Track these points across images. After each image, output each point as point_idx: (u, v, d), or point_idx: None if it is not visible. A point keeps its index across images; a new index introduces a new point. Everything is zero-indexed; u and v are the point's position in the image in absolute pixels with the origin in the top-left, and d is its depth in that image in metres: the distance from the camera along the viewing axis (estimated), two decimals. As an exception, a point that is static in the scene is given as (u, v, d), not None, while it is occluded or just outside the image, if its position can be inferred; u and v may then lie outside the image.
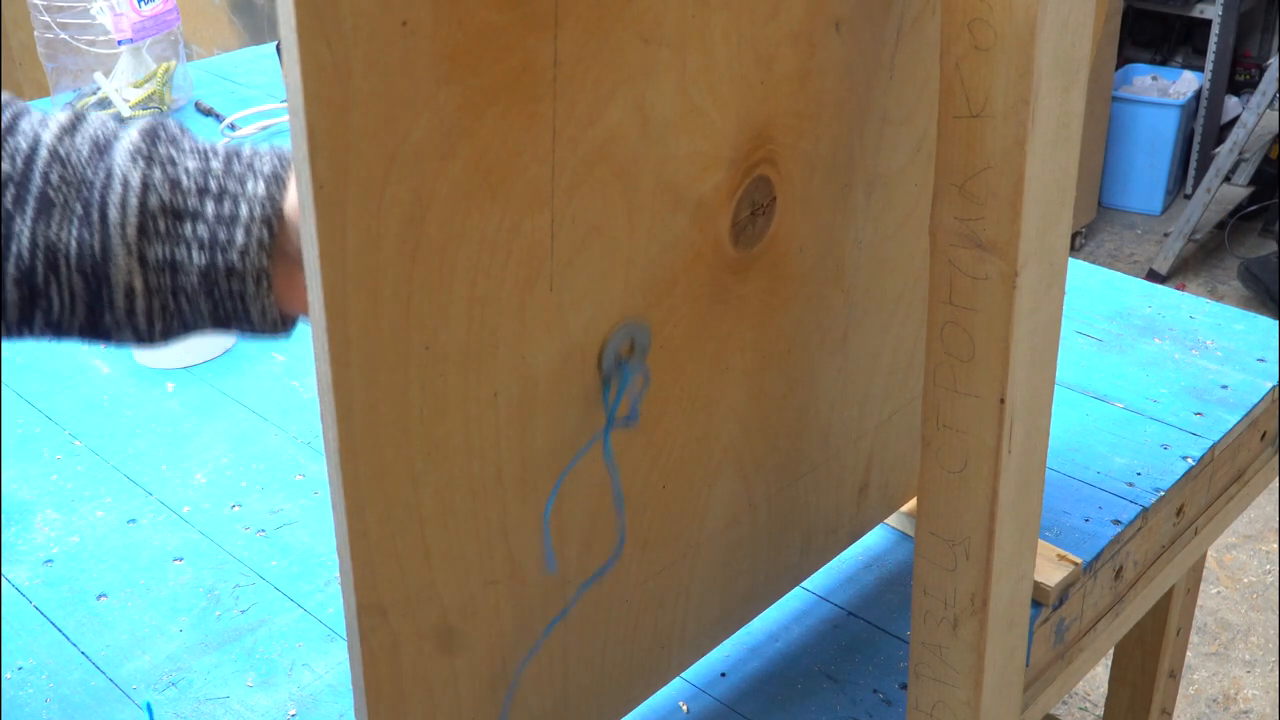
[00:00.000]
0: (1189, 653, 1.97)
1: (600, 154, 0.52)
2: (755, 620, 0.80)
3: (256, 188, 0.58)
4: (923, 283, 0.76)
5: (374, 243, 0.45)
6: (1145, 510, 0.93)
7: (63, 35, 1.61)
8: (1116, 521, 0.91)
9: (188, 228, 0.57)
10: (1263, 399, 1.05)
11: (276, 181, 0.58)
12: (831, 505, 0.80)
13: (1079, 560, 0.86)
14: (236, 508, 0.96)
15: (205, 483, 0.98)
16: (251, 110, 1.61)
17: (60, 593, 0.88)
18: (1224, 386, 1.07)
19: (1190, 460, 0.98)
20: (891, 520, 0.93)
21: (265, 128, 1.57)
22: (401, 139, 0.44)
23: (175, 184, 0.57)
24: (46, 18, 1.61)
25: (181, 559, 0.91)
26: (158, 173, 0.57)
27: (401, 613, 0.52)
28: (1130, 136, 3.37)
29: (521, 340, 0.53)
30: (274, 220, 0.58)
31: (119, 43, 1.60)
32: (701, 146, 0.57)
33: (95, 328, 0.59)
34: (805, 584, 0.87)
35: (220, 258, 0.57)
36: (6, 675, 0.81)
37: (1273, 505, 2.34)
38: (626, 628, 0.67)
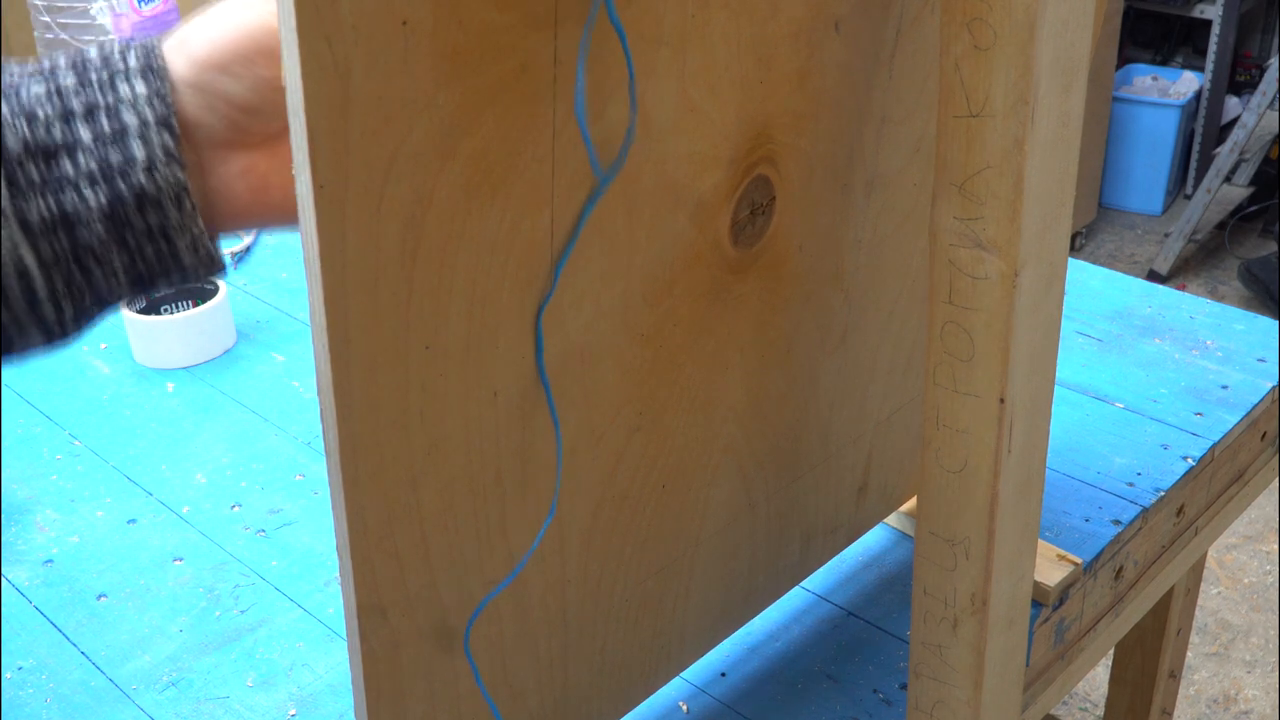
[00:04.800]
0: (1189, 653, 1.97)
1: (600, 154, 0.52)
2: (755, 620, 0.80)
3: (134, 87, 0.47)
4: (922, 282, 0.76)
5: (374, 243, 0.45)
6: (1145, 510, 0.93)
7: (63, 35, 1.61)
8: (1116, 521, 0.91)
9: (65, 165, 0.45)
10: (1263, 399, 1.06)
11: (153, 74, 0.47)
12: (831, 505, 0.80)
13: (1079, 560, 0.86)
14: (236, 508, 0.96)
15: (205, 483, 0.98)
16: (251, 110, 1.61)
17: (60, 593, 0.88)
18: (1224, 386, 1.07)
19: (1190, 460, 0.98)
20: (891, 520, 0.93)
21: (265, 128, 1.57)
22: (401, 139, 0.44)
23: (31, 116, 0.45)
24: (46, 18, 1.61)
25: (181, 559, 0.91)
26: (3, 107, 0.45)
27: (401, 613, 0.52)
28: (1130, 136, 3.37)
29: (521, 340, 0.53)
30: (172, 120, 0.47)
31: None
32: (701, 146, 0.57)
33: None
34: (805, 583, 0.87)
35: (123, 185, 0.46)
36: (6, 675, 0.81)
37: (1273, 505, 2.34)
38: (626, 628, 0.67)
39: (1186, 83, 3.38)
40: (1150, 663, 1.27)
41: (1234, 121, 3.23)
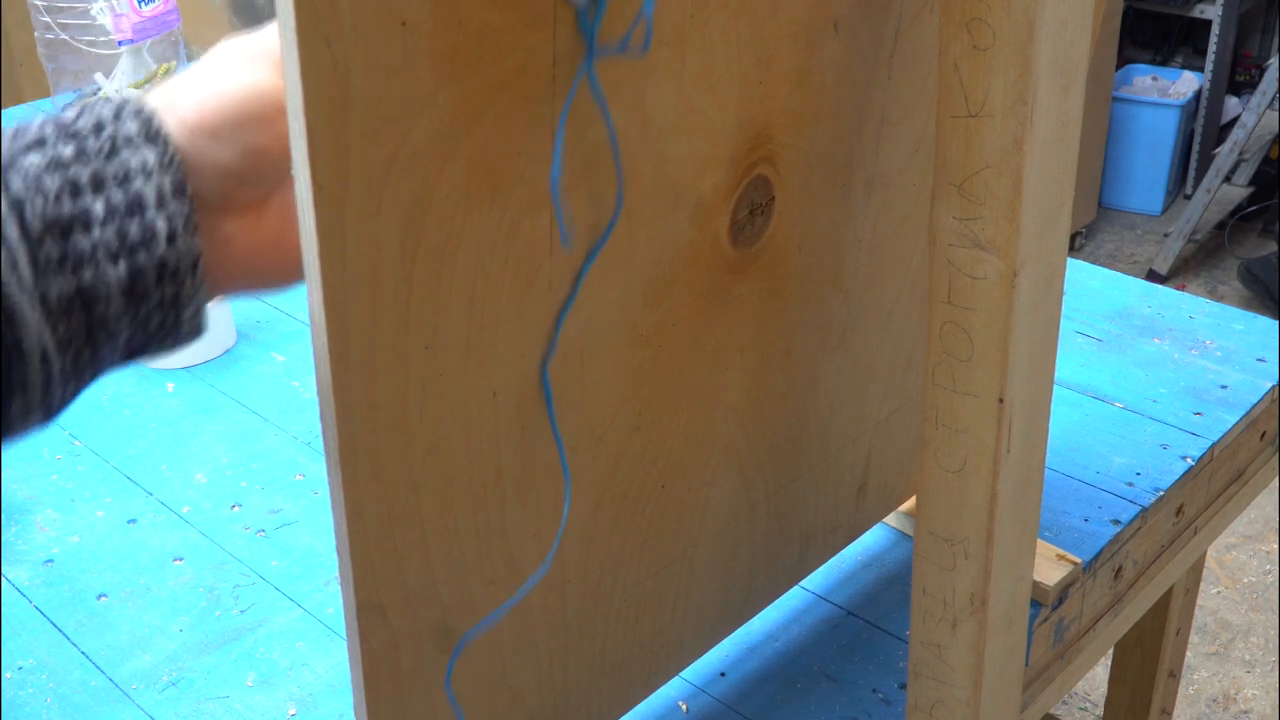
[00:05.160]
0: (1189, 653, 1.97)
1: (600, 154, 0.52)
2: (754, 620, 0.81)
3: (144, 155, 0.45)
4: (921, 282, 0.76)
5: (374, 243, 0.45)
6: (1145, 510, 0.93)
7: (63, 36, 1.61)
8: (1116, 521, 0.91)
9: (81, 240, 0.43)
10: (1262, 399, 1.06)
11: (158, 140, 0.46)
12: (830, 505, 0.80)
13: (1078, 560, 0.86)
14: (236, 508, 0.96)
15: (205, 483, 0.98)
16: (251, 111, 1.61)
17: (60, 593, 0.88)
18: (1224, 386, 1.07)
19: (1190, 460, 0.98)
20: (890, 520, 0.93)
21: (265, 128, 1.57)
22: (401, 139, 0.44)
23: (40, 191, 0.43)
24: (46, 18, 1.61)
25: (181, 559, 0.91)
26: (16, 181, 0.43)
27: (401, 613, 0.53)
28: (1130, 137, 3.37)
29: (521, 340, 0.53)
30: (187, 188, 0.46)
31: (119, 43, 1.60)
32: (700, 146, 0.57)
33: None
34: (804, 583, 0.87)
35: (145, 258, 0.44)
36: (6, 675, 0.81)
37: (1273, 505, 2.34)
38: (626, 627, 0.67)
39: (1186, 83, 3.38)
40: (1150, 663, 1.27)
41: (1234, 121, 3.23)
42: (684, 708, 0.79)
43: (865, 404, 0.78)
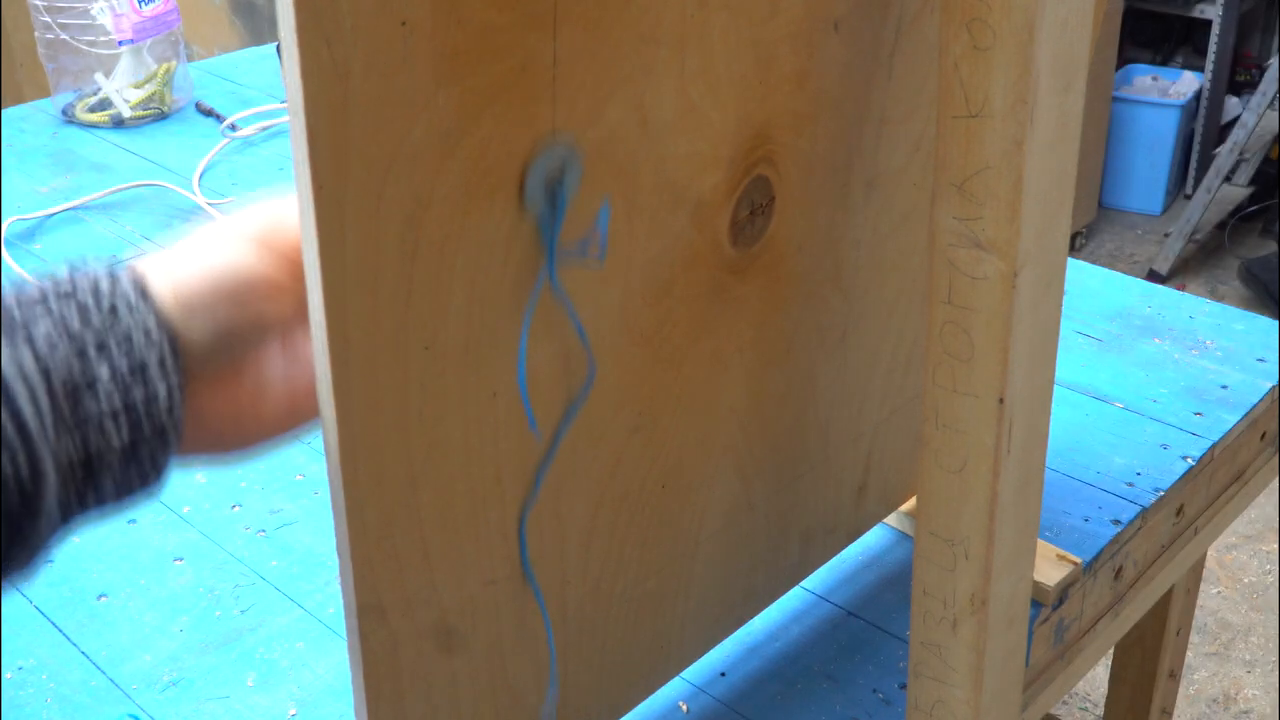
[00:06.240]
0: (1189, 653, 1.97)
1: (599, 154, 0.52)
2: (755, 620, 0.81)
3: (143, 320, 0.46)
4: (921, 282, 0.76)
5: (374, 243, 0.45)
6: (1145, 510, 0.93)
7: (63, 36, 1.61)
8: (1116, 521, 0.91)
9: (89, 403, 0.44)
10: (1263, 399, 1.06)
11: (146, 300, 0.47)
12: (830, 505, 0.80)
13: (1079, 560, 0.86)
14: (236, 508, 0.96)
15: (205, 483, 0.98)
16: (252, 111, 1.61)
17: (60, 593, 0.88)
18: (1224, 386, 1.07)
19: (1190, 460, 0.98)
20: (891, 520, 0.93)
21: (265, 128, 1.57)
22: (401, 139, 0.44)
23: (53, 351, 0.44)
24: (47, 18, 1.61)
25: (181, 559, 0.91)
26: (42, 329, 0.44)
27: (401, 613, 0.53)
28: (1130, 137, 3.37)
29: (521, 340, 0.53)
30: (179, 351, 0.47)
31: (119, 43, 1.60)
32: (700, 146, 0.57)
33: None
34: (804, 583, 0.87)
35: (147, 423, 0.46)
36: (6, 675, 0.81)
37: (1273, 505, 2.34)
38: (626, 627, 0.67)
39: (1186, 83, 3.38)
40: (1150, 663, 1.27)
41: (1234, 121, 3.23)
42: (684, 708, 0.79)
43: (865, 404, 0.78)
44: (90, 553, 0.92)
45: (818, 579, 0.88)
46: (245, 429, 0.52)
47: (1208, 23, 3.30)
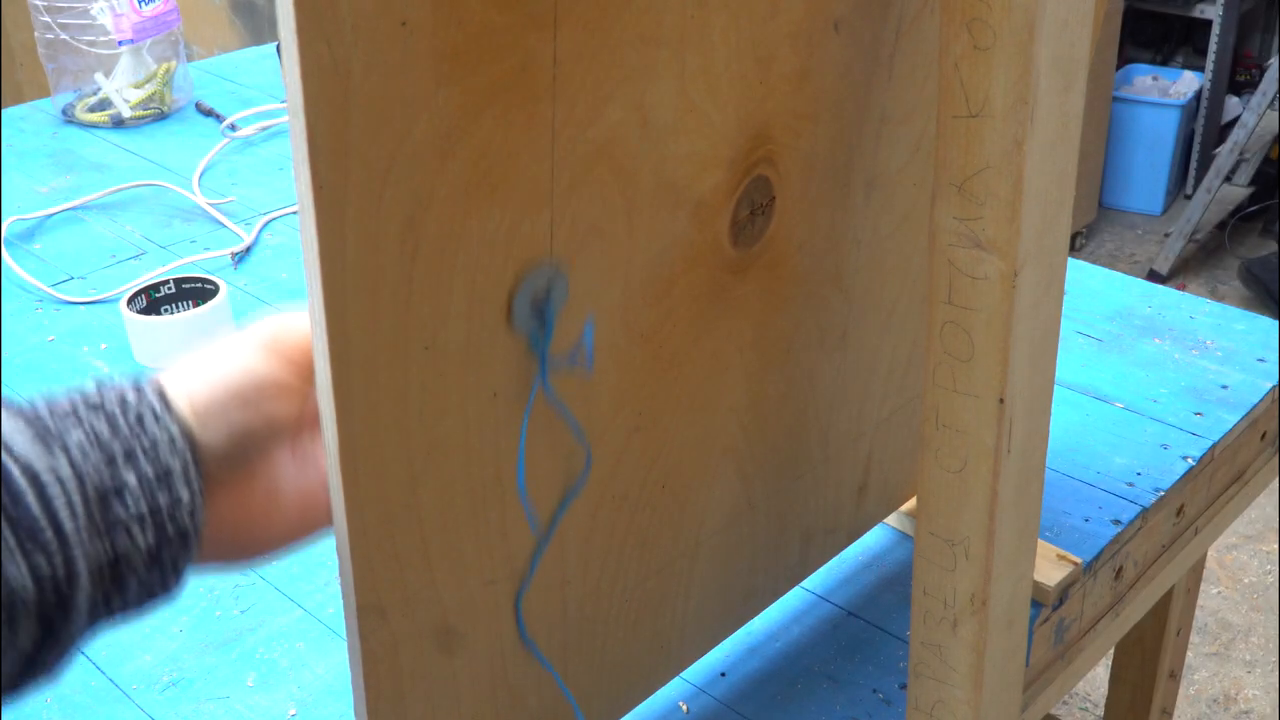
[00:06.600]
0: (1189, 653, 1.97)
1: (599, 154, 0.52)
2: (755, 620, 0.81)
3: (168, 429, 0.48)
4: (922, 282, 0.76)
5: (374, 243, 0.45)
6: (1145, 510, 0.93)
7: (63, 36, 1.61)
8: (1116, 521, 0.91)
9: (117, 508, 0.46)
10: (1263, 399, 1.06)
11: (170, 410, 0.49)
12: (831, 505, 0.80)
13: (1079, 560, 0.86)
14: (236, 508, 0.96)
15: (205, 483, 0.98)
16: (252, 110, 1.61)
17: (60, 593, 0.88)
18: (1224, 386, 1.07)
19: (1190, 460, 0.98)
20: (891, 520, 0.93)
21: (265, 128, 1.57)
22: (401, 139, 0.44)
23: (86, 459, 0.46)
24: (47, 18, 1.61)
25: (182, 559, 0.91)
26: (74, 439, 0.46)
27: (401, 613, 0.53)
28: (1130, 136, 3.37)
29: (521, 340, 0.53)
30: (199, 458, 0.49)
31: (119, 43, 1.60)
32: (700, 146, 0.57)
33: (16, 683, 0.46)
34: (805, 584, 0.87)
35: (171, 527, 0.47)
36: (7, 675, 0.81)
37: (1273, 505, 2.34)
38: (626, 628, 0.67)
39: (1186, 83, 3.38)
40: (1150, 663, 1.27)
41: (1234, 121, 3.23)
42: (684, 708, 0.79)
43: (865, 404, 0.78)
44: (90, 553, 0.91)
45: (818, 579, 0.88)
46: (257, 536, 0.54)
47: (1208, 23, 3.30)
